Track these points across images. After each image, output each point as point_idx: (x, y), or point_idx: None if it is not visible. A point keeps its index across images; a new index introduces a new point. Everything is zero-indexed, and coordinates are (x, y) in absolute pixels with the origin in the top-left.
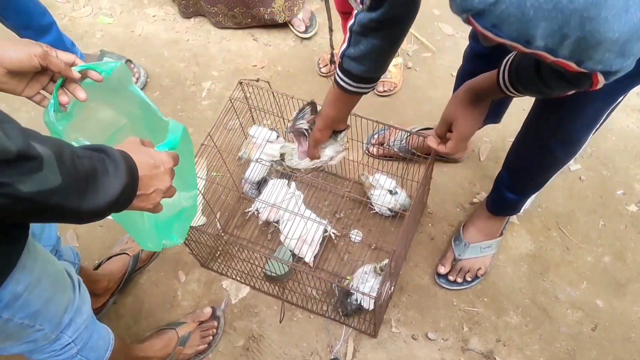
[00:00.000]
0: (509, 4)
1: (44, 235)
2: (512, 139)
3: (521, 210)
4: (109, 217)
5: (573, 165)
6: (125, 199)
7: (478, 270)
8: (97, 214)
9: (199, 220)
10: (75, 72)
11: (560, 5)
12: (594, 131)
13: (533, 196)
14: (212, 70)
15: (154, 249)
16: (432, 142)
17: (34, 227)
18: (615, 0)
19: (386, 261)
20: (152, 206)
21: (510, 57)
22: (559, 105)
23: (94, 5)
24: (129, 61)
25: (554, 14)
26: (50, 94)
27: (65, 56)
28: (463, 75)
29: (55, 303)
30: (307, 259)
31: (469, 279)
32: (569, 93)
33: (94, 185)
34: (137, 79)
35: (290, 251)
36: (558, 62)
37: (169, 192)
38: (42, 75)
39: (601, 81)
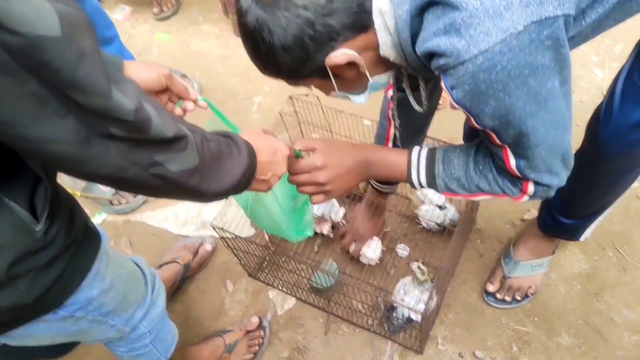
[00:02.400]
0: (465, 73)
1: None
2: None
3: (581, 238)
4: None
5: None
6: (246, 181)
7: (528, 289)
8: (222, 194)
9: (248, 231)
10: (193, 92)
11: (508, 89)
12: None
13: (594, 223)
14: (263, 85)
15: (292, 240)
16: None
17: None
18: (556, 110)
19: (417, 264)
20: (267, 189)
21: (422, 147)
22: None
23: (151, 23)
24: (183, 75)
25: (502, 95)
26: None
27: (181, 82)
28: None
29: (127, 302)
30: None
31: (519, 298)
32: (493, 196)
33: (220, 166)
34: None
35: (337, 264)
36: (504, 150)
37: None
38: (163, 96)
39: (530, 191)
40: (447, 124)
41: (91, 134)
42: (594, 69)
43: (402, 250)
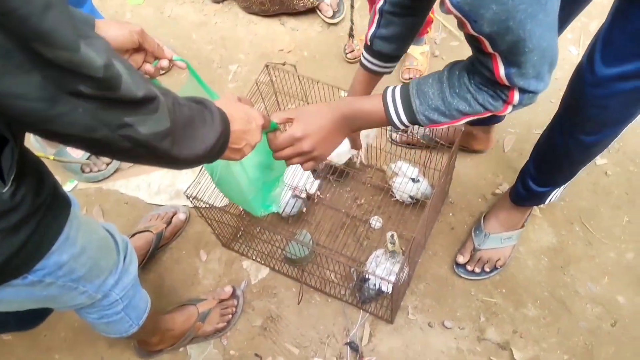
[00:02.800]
0: None
1: None
2: (538, 131)
3: (546, 202)
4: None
5: (599, 159)
6: (219, 148)
7: (497, 261)
8: (194, 161)
9: (222, 200)
10: (168, 51)
11: None
12: (629, 125)
13: (560, 189)
14: (239, 54)
15: (257, 214)
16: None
17: None
18: (552, 11)
19: (390, 233)
20: (240, 158)
21: (394, 87)
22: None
23: None
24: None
25: None
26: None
27: (155, 40)
28: None
29: (98, 268)
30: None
31: (488, 270)
32: (476, 116)
33: (192, 132)
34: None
35: (310, 235)
36: (494, 58)
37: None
38: (137, 55)
39: (515, 100)
40: None
41: (58, 91)
42: (568, 47)
43: (376, 222)
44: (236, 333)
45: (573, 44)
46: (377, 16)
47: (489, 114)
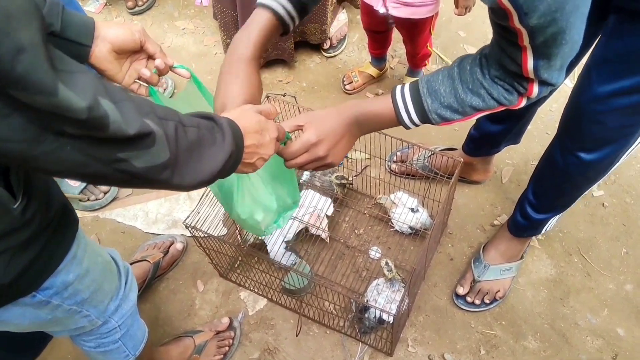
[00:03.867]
0: None
1: None
2: (535, 162)
3: (542, 231)
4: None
5: (596, 191)
6: (230, 167)
7: (497, 292)
8: (198, 185)
9: (219, 230)
10: (169, 60)
11: None
12: (626, 153)
13: (556, 218)
14: None
15: (260, 232)
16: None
17: None
18: (589, 4)
19: (385, 261)
20: (252, 170)
21: (403, 86)
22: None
23: (125, 17)
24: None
25: None
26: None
27: (156, 42)
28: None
29: (102, 292)
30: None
31: (487, 301)
32: (490, 111)
33: (198, 155)
34: (165, 89)
35: (309, 266)
36: (524, 51)
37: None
38: (139, 62)
39: (534, 93)
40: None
41: (42, 132)
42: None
43: (375, 252)
44: None
45: (568, 78)
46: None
47: (503, 108)
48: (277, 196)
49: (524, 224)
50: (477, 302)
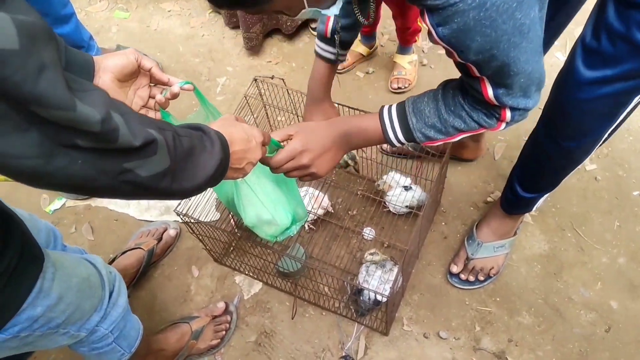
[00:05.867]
0: (455, 12)
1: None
2: (527, 138)
3: (533, 209)
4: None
5: (589, 165)
6: (220, 173)
7: (491, 269)
8: (195, 191)
9: (213, 216)
10: (163, 76)
11: (495, 24)
12: (609, 131)
13: (546, 195)
14: (226, 66)
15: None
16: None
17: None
18: (535, 38)
19: (371, 251)
20: (242, 175)
21: (390, 106)
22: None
23: (110, 0)
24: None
25: (489, 31)
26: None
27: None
28: None
29: (81, 310)
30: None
31: (482, 279)
32: (471, 132)
33: (193, 162)
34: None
35: (303, 248)
36: (482, 81)
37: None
38: (142, 89)
39: (507, 118)
40: None
41: (55, 147)
42: (555, 53)
43: (368, 233)
44: (230, 349)
45: (560, 50)
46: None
47: (484, 130)
48: (281, 208)
49: (514, 201)
50: (471, 279)
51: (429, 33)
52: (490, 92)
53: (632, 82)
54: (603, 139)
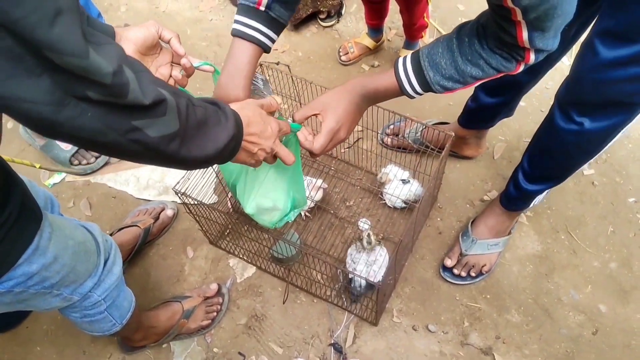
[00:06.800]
0: None
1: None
2: (528, 139)
3: (530, 205)
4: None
5: (587, 169)
6: (231, 150)
7: (483, 266)
8: (204, 161)
9: (210, 198)
10: (181, 49)
11: None
12: (623, 130)
13: (545, 192)
14: None
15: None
16: (302, 136)
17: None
18: None
19: (366, 232)
20: (254, 162)
21: (405, 60)
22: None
23: None
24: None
25: None
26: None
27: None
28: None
29: (75, 273)
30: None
31: (473, 275)
32: (490, 78)
33: (204, 132)
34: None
35: (298, 235)
36: (518, 25)
37: (270, 155)
38: (164, 67)
39: (531, 60)
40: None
41: (66, 96)
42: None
43: (364, 224)
44: (220, 331)
45: (565, 55)
46: None
47: (502, 75)
48: (285, 195)
49: (514, 194)
50: (464, 274)
51: None
52: (525, 35)
53: None
54: (622, 129)
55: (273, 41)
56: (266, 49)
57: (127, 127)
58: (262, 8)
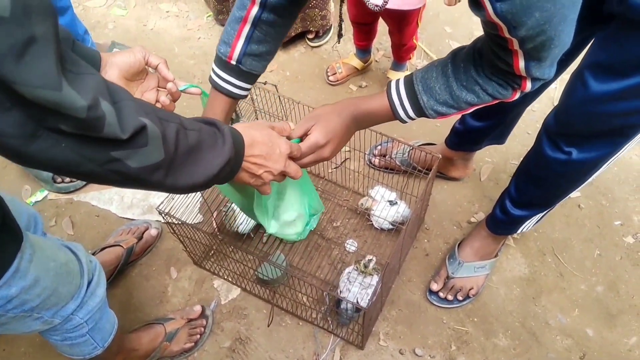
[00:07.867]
0: None
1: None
2: (515, 162)
3: (518, 231)
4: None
5: (573, 192)
6: (227, 173)
7: (470, 290)
8: (194, 188)
9: (195, 217)
10: (169, 74)
11: None
12: (608, 162)
13: (533, 220)
14: None
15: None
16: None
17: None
18: (578, 7)
19: (369, 258)
20: (260, 184)
21: (397, 83)
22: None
23: None
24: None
25: (549, 5)
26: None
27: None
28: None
29: (57, 295)
30: None
31: (460, 298)
32: (485, 105)
33: (195, 159)
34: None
35: (284, 256)
36: (515, 54)
37: (278, 176)
38: (149, 92)
39: (527, 88)
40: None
41: (38, 128)
42: None
43: (351, 245)
44: (204, 354)
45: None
46: (246, 28)
47: (498, 102)
48: (301, 203)
49: (501, 219)
50: (450, 298)
51: (478, 7)
52: (521, 64)
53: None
54: (607, 161)
55: (248, 89)
56: (241, 98)
57: (105, 159)
58: (234, 62)
